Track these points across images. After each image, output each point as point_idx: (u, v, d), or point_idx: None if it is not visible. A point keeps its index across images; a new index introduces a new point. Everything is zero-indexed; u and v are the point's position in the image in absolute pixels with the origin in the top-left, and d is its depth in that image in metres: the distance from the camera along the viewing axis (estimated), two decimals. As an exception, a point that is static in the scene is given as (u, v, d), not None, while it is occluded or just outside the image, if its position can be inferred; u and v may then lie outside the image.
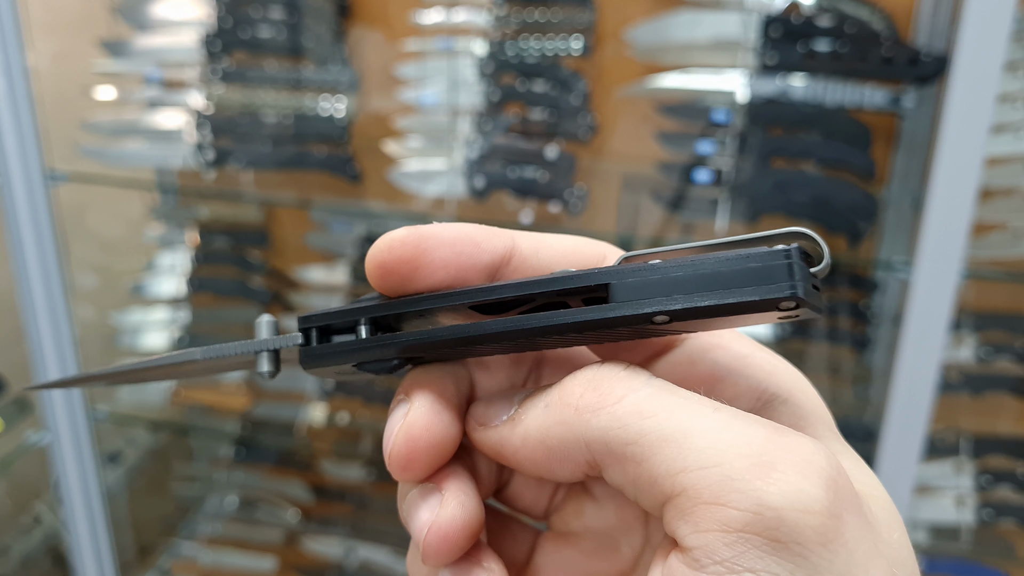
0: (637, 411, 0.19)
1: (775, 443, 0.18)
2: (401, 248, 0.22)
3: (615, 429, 0.19)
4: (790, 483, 0.17)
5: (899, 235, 1.00)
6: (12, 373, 1.18)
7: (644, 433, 0.19)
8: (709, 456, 0.18)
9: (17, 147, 1.01)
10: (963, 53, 0.77)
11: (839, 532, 0.18)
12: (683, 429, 0.19)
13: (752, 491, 0.17)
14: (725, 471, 0.18)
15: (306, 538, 1.33)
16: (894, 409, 0.89)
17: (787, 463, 0.18)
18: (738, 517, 0.17)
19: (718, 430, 0.18)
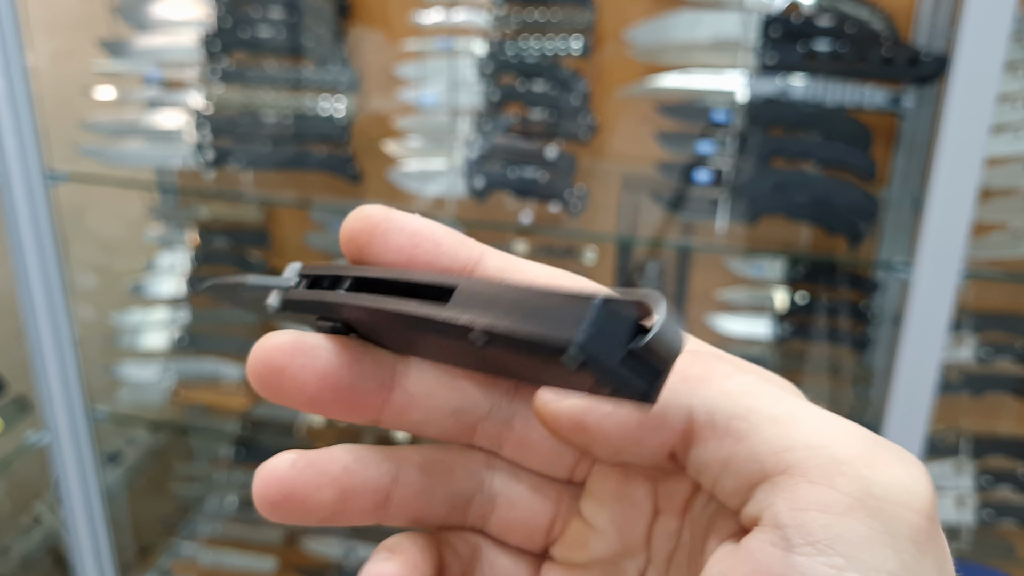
0: (746, 390, 0.19)
1: (879, 441, 0.18)
2: (364, 221, 0.23)
3: (723, 401, 0.19)
4: (896, 477, 0.18)
5: (899, 235, 1.00)
6: (12, 373, 1.18)
7: (753, 410, 0.19)
8: (819, 438, 0.18)
9: (17, 147, 1.01)
10: (963, 53, 0.77)
11: (931, 535, 0.18)
12: (791, 412, 0.19)
13: (859, 477, 0.17)
14: (834, 453, 0.18)
15: (306, 538, 1.33)
16: (894, 409, 0.89)
17: (893, 459, 0.18)
18: (840, 500, 0.17)
19: (825, 419, 0.19)
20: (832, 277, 1.05)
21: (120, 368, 1.26)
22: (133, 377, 1.26)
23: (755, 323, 1.07)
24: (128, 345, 1.26)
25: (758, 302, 1.07)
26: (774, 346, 1.06)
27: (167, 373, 1.25)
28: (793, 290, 1.06)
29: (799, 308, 1.05)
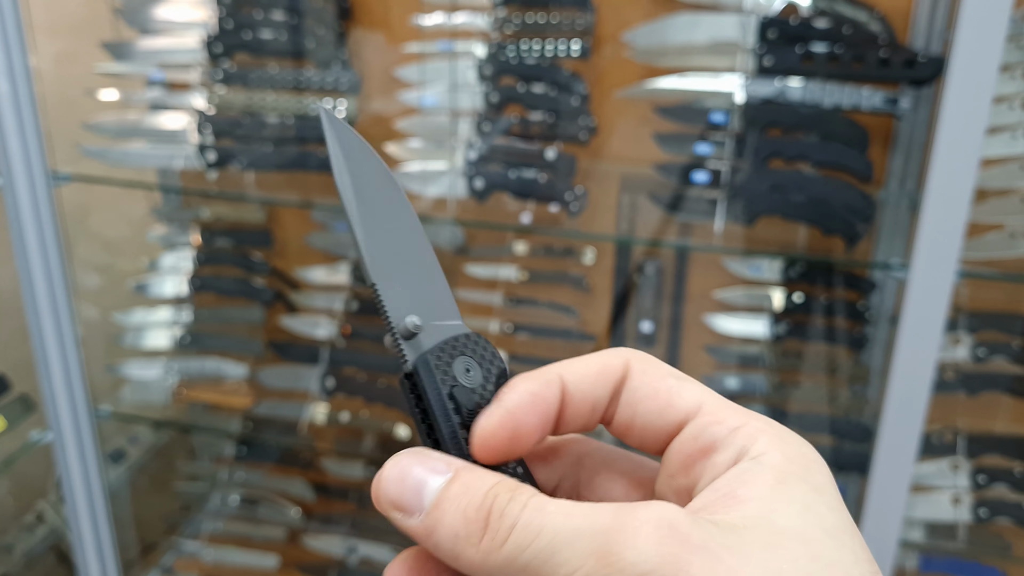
0: (519, 541, 0.22)
1: (614, 529, 0.21)
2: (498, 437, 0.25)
3: (514, 555, 0.22)
4: (628, 552, 0.21)
5: (896, 235, 1.00)
6: (15, 372, 1.19)
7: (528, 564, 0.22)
8: (574, 562, 0.21)
9: (20, 148, 1.02)
10: (959, 55, 0.78)
11: (680, 567, 0.20)
12: (550, 548, 0.22)
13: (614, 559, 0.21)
14: (586, 571, 0.21)
15: (308, 536, 1.34)
16: (891, 408, 0.90)
17: (621, 543, 0.21)
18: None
19: (574, 539, 0.22)
20: (829, 277, 1.05)
21: (123, 367, 1.27)
22: (136, 376, 1.27)
23: (753, 323, 1.07)
24: (131, 344, 1.27)
25: (756, 302, 1.08)
26: (771, 345, 1.07)
27: (170, 372, 1.26)
28: (790, 290, 1.06)
29: (796, 308, 1.06)
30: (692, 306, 1.14)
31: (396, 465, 0.25)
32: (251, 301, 1.24)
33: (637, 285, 1.15)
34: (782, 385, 1.06)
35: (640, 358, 0.27)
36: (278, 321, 1.23)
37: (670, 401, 0.26)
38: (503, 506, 0.22)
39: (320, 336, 1.21)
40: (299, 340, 1.22)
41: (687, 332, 1.15)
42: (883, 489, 0.93)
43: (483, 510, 0.23)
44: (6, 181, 1.03)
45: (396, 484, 0.24)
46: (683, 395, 0.26)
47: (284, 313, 1.25)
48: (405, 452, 0.25)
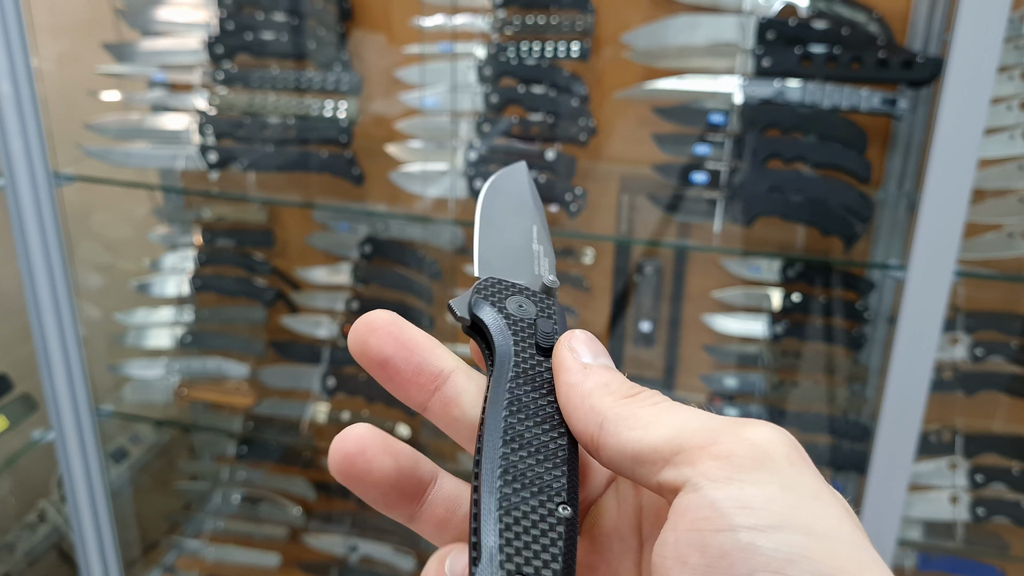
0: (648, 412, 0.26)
1: (741, 420, 0.25)
2: (364, 325, 0.32)
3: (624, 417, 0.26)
4: (760, 430, 0.24)
5: (894, 236, 1.01)
6: (18, 372, 1.19)
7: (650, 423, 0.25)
8: (700, 424, 0.25)
9: (22, 148, 1.02)
10: (957, 56, 0.78)
11: (802, 459, 0.24)
12: (680, 419, 0.25)
13: (734, 433, 0.24)
14: (711, 429, 0.24)
15: (309, 534, 1.35)
16: (888, 407, 0.90)
17: (756, 424, 0.24)
18: (724, 449, 0.23)
19: (707, 418, 0.25)
20: (827, 277, 1.06)
21: (124, 367, 1.27)
22: (137, 375, 1.28)
23: (751, 323, 1.08)
24: (132, 344, 1.27)
25: (754, 302, 1.08)
26: (770, 345, 1.07)
27: (171, 371, 1.27)
28: (789, 290, 1.07)
29: (795, 308, 1.06)
30: (691, 306, 1.14)
31: (587, 336, 0.29)
32: (252, 301, 1.25)
33: (636, 285, 1.16)
34: (780, 384, 1.07)
35: None
36: (279, 321, 1.24)
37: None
38: (650, 394, 0.27)
39: (321, 336, 1.21)
40: (300, 339, 1.23)
41: (686, 332, 1.15)
42: (881, 488, 0.94)
43: (635, 389, 0.27)
44: (8, 181, 1.03)
45: (582, 340, 0.29)
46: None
47: (285, 313, 1.25)
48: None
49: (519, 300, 0.31)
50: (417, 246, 1.18)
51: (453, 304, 0.31)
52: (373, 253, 1.20)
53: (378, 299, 1.20)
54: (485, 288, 0.31)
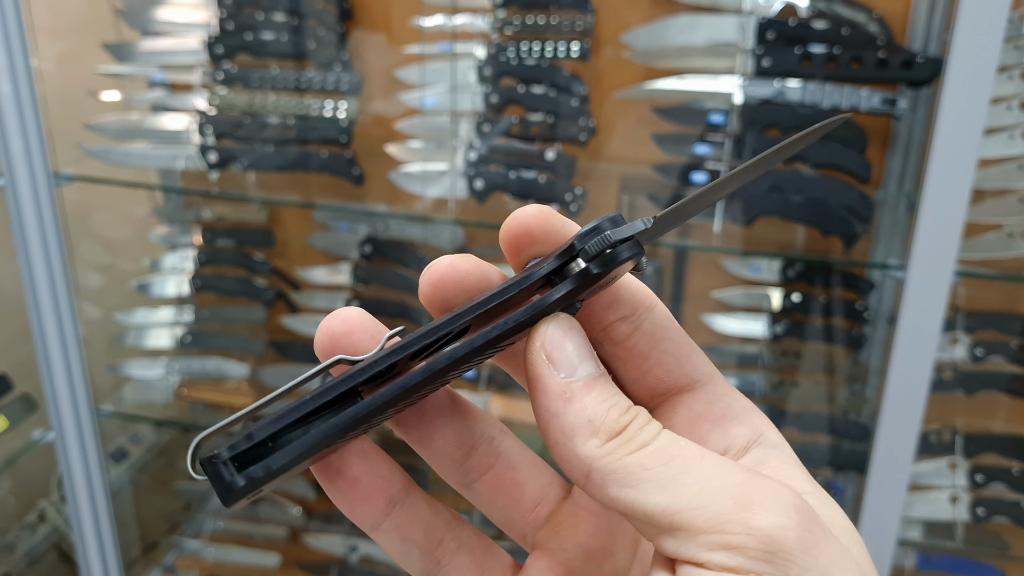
0: (639, 464, 0.22)
1: (751, 484, 0.22)
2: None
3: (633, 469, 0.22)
4: (768, 512, 0.21)
5: (894, 236, 1.01)
6: (18, 372, 1.19)
7: (642, 482, 0.22)
8: (700, 499, 0.21)
9: (22, 148, 1.02)
10: (957, 56, 0.78)
11: (814, 541, 0.21)
12: (676, 480, 0.22)
13: (740, 520, 0.21)
14: (716, 509, 0.21)
15: (309, 534, 1.35)
16: (888, 407, 0.91)
17: (763, 498, 0.21)
18: (733, 539, 0.21)
19: (705, 479, 0.22)
20: (827, 277, 1.06)
21: (124, 367, 1.27)
22: (137, 375, 1.28)
23: (751, 323, 1.08)
24: (132, 344, 1.27)
25: (754, 302, 1.08)
26: (770, 345, 1.07)
27: (171, 372, 1.27)
28: (789, 290, 1.07)
29: (795, 308, 1.06)
30: (691, 306, 1.14)
31: (565, 330, 0.24)
32: (252, 301, 1.25)
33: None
34: (780, 384, 1.07)
35: (667, 310, 0.27)
36: (279, 321, 1.24)
37: (691, 357, 0.26)
38: (641, 425, 0.23)
39: (321, 336, 1.21)
40: (300, 340, 1.23)
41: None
42: (881, 488, 0.94)
43: (625, 419, 0.23)
44: (8, 181, 1.03)
45: (558, 342, 0.24)
46: (702, 359, 0.27)
47: (285, 313, 1.25)
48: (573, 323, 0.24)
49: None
50: (417, 246, 1.18)
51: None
52: (373, 253, 1.20)
53: (378, 299, 1.20)
54: None
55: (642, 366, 0.26)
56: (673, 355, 0.26)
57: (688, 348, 0.26)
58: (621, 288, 0.26)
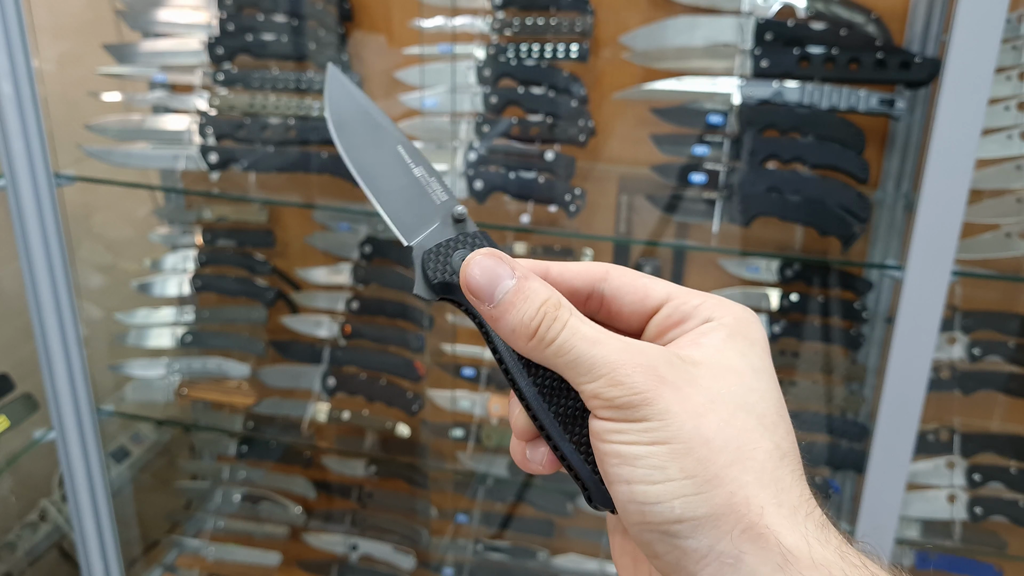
0: (557, 352, 0.31)
1: (623, 355, 0.31)
2: None
3: (551, 358, 0.32)
4: (630, 375, 0.30)
5: (892, 236, 1.01)
6: (19, 371, 1.20)
7: (561, 365, 0.32)
8: (590, 373, 0.31)
9: (24, 149, 1.03)
10: (955, 57, 0.79)
11: (657, 393, 0.30)
12: (573, 363, 0.31)
13: (610, 382, 0.31)
14: (596, 383, 0.31)
15: (309, 533, 1.35)
16: (886, 406, 0.91)
17: (628, 365, 0.31)
18: (607, 397, 0.30)
19: (596, 353, 0.31)
20: (825, 277, 1.06)
21: (125, 366, 1.28)
22: (138, 375, 1.28)
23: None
24: (133, 344, 1.28)
25: (753, 302, 1.09)
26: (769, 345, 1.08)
27: (172, 371, 1.27)
28: (787, 290, 1.07)
29: (793, 308, 1.07)
30: (690, 306, 1.14)
31: (479, 264, 0.33)
32: (253, 301, 1.25)
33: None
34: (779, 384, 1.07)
35: (618, 267, 0.36)
36: (280, 320, 1.24)
37: (647, 293, 0.35)
38: (549, 324, 0.31)
39: (321, 335, 1.22)
40: (301, 339, 1.23)
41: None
42: (879, 487, 0.94)
43: (535, 322, 0.31)
44: (9, 182, 1.04)
45: (476, 279, 0.33)
46: (656, 288, 0.35)
47: (286, 313, 1.25)
48: (487, 252, 0.33)
49: (460, 255, 0.35)
50: (417, 246, 1.19)
51: (419, 293, 0.36)
52: (373, 253, 1.20)
53: (378, 299, 1.20)
54: (427, 263, 0.35)
55: (619, 315, 0.35)
56: (633, 299, 0.35)
57: (642, 290, 0.35)
58: (576, 277, 0.35)
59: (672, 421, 0.29)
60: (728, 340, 0.32)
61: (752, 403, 0.31)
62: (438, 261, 0.35)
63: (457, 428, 1.20)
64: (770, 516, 0.28)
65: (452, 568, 1.31)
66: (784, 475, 0.30)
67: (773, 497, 0.29)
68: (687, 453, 0.29)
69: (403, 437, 1.21)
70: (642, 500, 0.29)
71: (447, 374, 1.20)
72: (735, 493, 0.28)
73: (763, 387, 0.32)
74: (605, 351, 0.30)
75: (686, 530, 0.29)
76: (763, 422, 0.31)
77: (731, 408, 0.30)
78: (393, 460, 1.30)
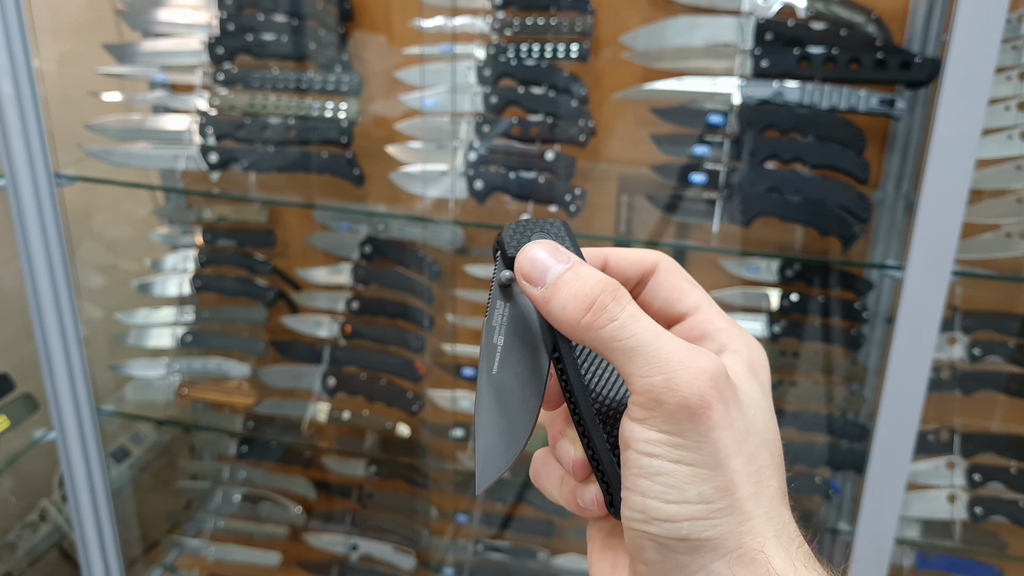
0: (615, 335, 0.30)
1: (682, 357, 0.30)
2: None
3: (607, 340, 0.31)
4: (687, 381, 0.30)
5: (892, 236, 1.01)
6: (19, 371, 1.20)
7: (618, 350, 0.31)
8: (646, 369, 0.30)
9: (24, 149, 1.03)
10: (955, 57, 0.79)
11: (712, 409, 0.29)
12: (631, 353, 0.30)
13: (664, 386, 0.29)
14: (651, 381, 0.30)
15: (310, 533, 1.35)
16: (886, 407, 0.91)
17: (685, 371, 0.30)
18: (657, 398, 0.30)
19: (660, 347, 0.30)
20: (825, 277, 1.06)
21: (126, 366, 1.28)
22: (138, 375, 1.28)
23: (750, 323, 1.08)
24: (134, 344, 1.28)
25: (753, 302, 1.09)
26: (769, 345, 1.08)
27: (172, 371, 1.27)
28: (787, 290, 1.07)
29: (793, 308, 1.07)
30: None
31: (530, 252, 0.33)
32: (253, 301, 1.25)
33: (636, 285, 1.16)
34: (779, 384, 1.07)
35: (668, 260, 0.36)
36: (280, 321, 1.24)
37: (680, 298, 0.35)
38: (606, 302, 0.31)
39: (322, 335, 1.22)
40: (301, 339, 1.23)
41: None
42: (879, 487, 0.94)
43: (589, 298, 0.31)
44: (10, 182, 1.04)
45: (528, 264, 0.32)
46: (690, 296, 0.35)
47: (286, 313, 1.25)
48: (546, 243, 0.33)
49: (540, 234, 0.35)
50: (417, 246, 1.19)
51: (497, 275, 0.35)
52: (373, 253, 1.20)
53: (378, 299, 1.20)
54: (506, 234, 0.35)
55: (648, 308, 0.35)
56: (668, 297, 0.35)
57: (678, 292, 0.35)
58: (631, 266, 0.35)
59: (708, 445, 0.29)
60: (749, 373, 0.33)
61: (769, 440, 0.32)
62: (516, 234, 0.35)
63: (457, 428, 1.20)
64: (770, 547, 0.29)
65: (452, 568, 1.31)
66: (784, 510, 0.31)
67: (775, 531, 0.30)
68: (708, 479, 0.29)
69: (403, 437, 1.21)
70: (651, 514, 0.29)
71: (447, 374, 1.20)
72: (743, 523, 0.29)
73: (775, 425, 0.33)
74: (671, 346, 0.30)
75: (686, 548, 0.29)
76: (775, 460, 0.32)
77: (757, 442, 0.31)
78: (393, 460, 1.30)
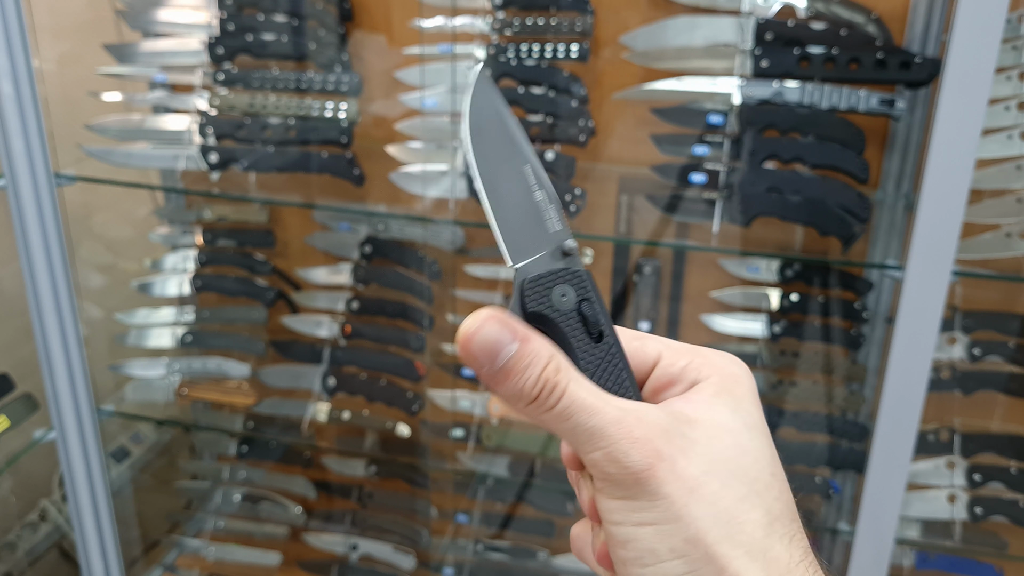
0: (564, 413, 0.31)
1: (621, 427, 0.31)
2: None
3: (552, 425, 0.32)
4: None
5: (892, 236, 1.01)
6: (19, 371, 1.20)
7: (561, 432, 0.32)
8: (589, 444, 0.31)
9: (24, 149, 1.03)
10: (955, 57, 0.79)
11: (655, 468, 0.30)
12: (573, 431, 0.31)
13: (609, 459, 0.30)
14: (595, 455, 0.31)
15: (310, 533, 1.35)
16: (887, 407, 0.91)
17: (626, 438, 0.31)
18: (605, 471, 0.31)
19: (595, 423, 0.31)
20: (825, 277, 1.06)
21: (126, 366, 1.28)
22: (138, 375, 1.28)
23: (750, 322, 1.08)
24: (134, 344, 1.27)
25: (753, 302, 1.09)
26: (768, 345, 1.08)
27: (172, 371, 1.27)
28: (787, 290, 1.07)
29: (793, 308, 1.07)
30: (690, 306, 1.15)
31: (480, 331, 0.31)
32: (253, 301, 1.25)
33: (635, 285, 1.16)
34: (779, 384, 1.07)
35: (624, 330, 0.36)
36: (280, 320, 1.24)
37: (643, 349, 0.35)
38: (549, 391, 0.31)
39: (322, 335, 1.22)
40: (301, 339, 1.23)
41: (685, 332, 1.16)
42: (879, 487, 0.94)
43: (535, 390, 0.31)
44: (10, 182, 1.04)
45: (478, 345, 0.31)
46: (648, 346, 0.35)
47: (286, 313, 1.25)
48: (488, 317, 0.32)
49: (561, 290, 0.35)
50: (417, 246, 1.19)
51: (514, 312, 0.35)
52: (373, 253, 1.20)
53: (378, 299, 1.20)
54: (526, 291, 0.34)
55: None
56: (633, 359, 0.35)
57: (640, 351, 0.35)
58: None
59: (662, 501, 0.30)
60: (716, 398, 0.33)
61: (746, 467, 0.31)
62: (537, 291, 0.34)
63: (457, 428, 1.20)
64: None
65: (452, 568, 1.31)
66: (774, 543, 0.30)
67: (762, 569, 0.29)
68: (674, 534, 0.29)
69: (403, 437, 1.21)
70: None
71: (447, 374, 1.20)
72: (725, 568, 0.29)
73: (756, 447, 0.32)
74: (602, 422, 0.30)
75: None
76: (755, 487, 0.31)
77: (724, 476, 0.30)
78: (393, 460, 1.30)
